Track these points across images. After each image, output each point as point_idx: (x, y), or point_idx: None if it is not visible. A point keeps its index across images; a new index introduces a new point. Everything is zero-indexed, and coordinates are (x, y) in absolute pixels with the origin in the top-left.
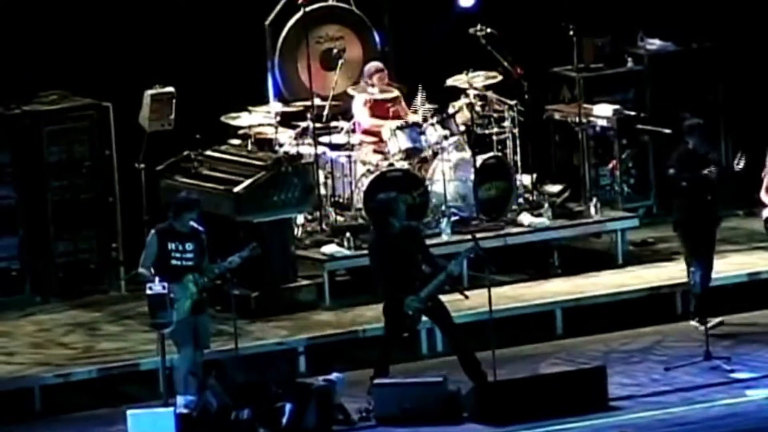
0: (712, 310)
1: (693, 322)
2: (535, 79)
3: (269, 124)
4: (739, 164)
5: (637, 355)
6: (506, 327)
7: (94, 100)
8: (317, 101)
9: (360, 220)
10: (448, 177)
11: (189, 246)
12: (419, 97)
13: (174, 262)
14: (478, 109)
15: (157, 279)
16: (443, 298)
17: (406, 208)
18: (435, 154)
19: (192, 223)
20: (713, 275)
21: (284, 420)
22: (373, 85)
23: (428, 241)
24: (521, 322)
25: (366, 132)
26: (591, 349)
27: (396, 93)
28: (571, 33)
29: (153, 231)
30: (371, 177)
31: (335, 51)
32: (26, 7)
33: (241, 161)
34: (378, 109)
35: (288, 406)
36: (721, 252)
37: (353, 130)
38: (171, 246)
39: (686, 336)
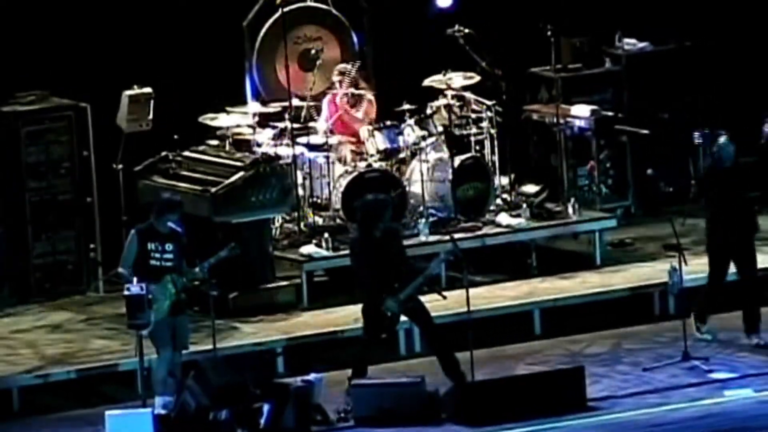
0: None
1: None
2: (513, 80)
3: (247, 125)
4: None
5: (615, 355)
6: (484, 327)
7: (72, 101)
8: (295, 102)
9: (338, 221)
10: (426, 177)
11: (169, 247)
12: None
13: (153, 262)
14: (456, 109)
15: (135, 279)
16: (422, 298)
17: (390, 209)
18: (413, 155)
19: (171, 224)
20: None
21: (263, 421)
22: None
23: (406, 242)
24: (499, 322)
25: (343, 129)
26: (569, 349)
27: (369, 95)
28: (549, 33)
29: (133, 231)
30: (349, 177)
31: (313, 52)
32: (3, 7)
33: (219, 162)
34: (352, 107)
35: (266, 407)
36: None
37: (331, 131)
38: (151, 246)
39: (664, 336)
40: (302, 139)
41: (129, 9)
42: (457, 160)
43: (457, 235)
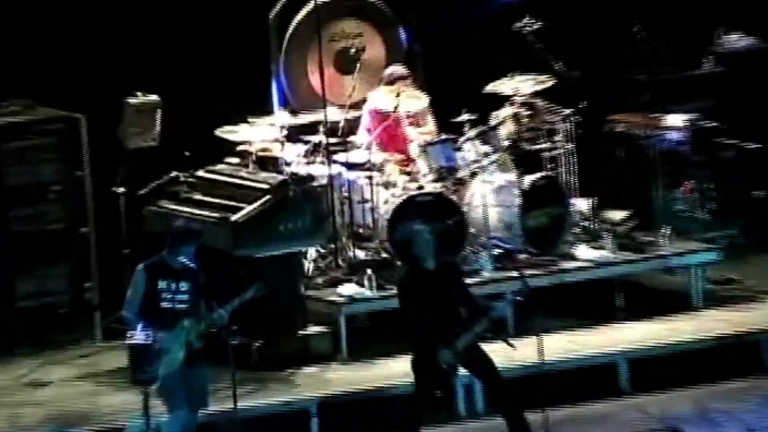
0: None
1: None
2: (593, 84)
3: (274, 139)
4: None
5: (718, 414)
6: (561, 382)
7: (63, 112)
8: (331, 111)
9: (384, 255)
10: (489, 202)
11: (183, 286)
12: None
13: (164, 304)
14: (525, 120)
15: (140, 325)
16: (485, 347)
17: (434, 238)
18: (474, 175)
19: (184, 259)
20: None
21: None
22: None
23: (466, 280)
24: (579, 376)
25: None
26: (662, 409)
27: (425, 104)
28: (637, 29)
29: (140, 267)
30: (397, 202)
31: (353, 51)
32: None
33: (239, 184)
34: (396, 126)
35: None
36: None
37: (375, 146)
38: (162, 285)
39: None
40: (340, 157)
41: (133, 2)
42: (527, 181)
43: (527, 271)
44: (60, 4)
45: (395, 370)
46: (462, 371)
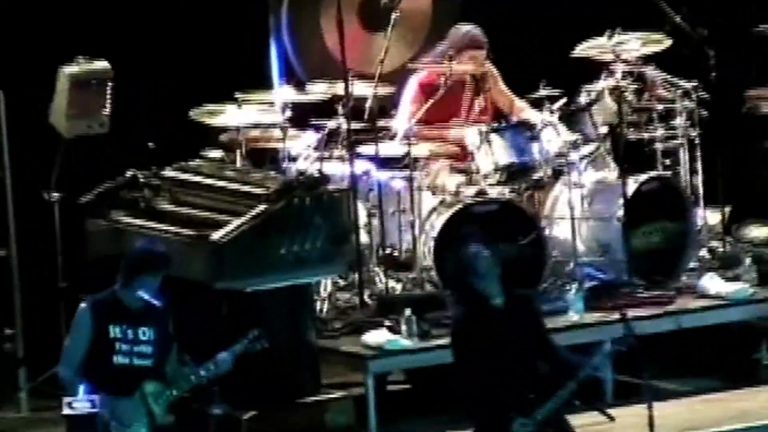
0: None
1: None
2: (727, 47)
3: (272, 125)
4: None
5: None
6: None
7: None
8: (355, 85)
9: (429, 287)
10: (579, 213)
11: (144, 333)
12: None
13: (119, 359)
14: (630, 96)
15: (81, 388)
16: (574, 420)
17: (501, 265)
18: (557, 174)
19: (144, 294)
20: None
21: None
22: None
23: (547, 323)
24: None
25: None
26: None
27: (486, 68)
28: None
29: (85, 304)
30: (447, 214)
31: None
32: None
33: (223, 188)
34: (456, 97)
35: None
36: None
37: (417, 134)
38: (115, 332)
39: None
40: (367, 149)
41: None
42: (633, 184)
43: (632, 312)
44: None
45: None
46: None
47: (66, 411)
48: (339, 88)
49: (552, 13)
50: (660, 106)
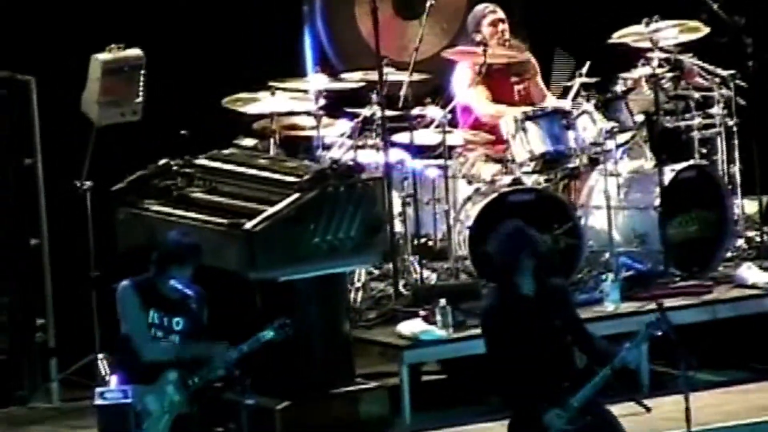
0: None
1: None
2: (765, 35)
3: (306, 113)
4: None
5: None
6: None
7: (5, 72)
8: (389, 72)
9: (464, 277)
10: (615, 202)
11: (177, 323)
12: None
13: None
14: (667, 84)
15: (114, 378)
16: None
17: (536, 256)
18: (593, 163)
19: (178, 284)
20: None
21: None
22: (484, 44)
23: (582, 313)
24: None
25: (477, 126)
26: None
27: (528, 56)
28: None
29: (127, 283)
30: (482, 203)
31: None
32: None
33: (257, 176)
34: (498, 83)
35: None
36: None
37: (453, 123)
38: (153, 317)
39: None
40: (401, 137)
41: None
42: (670, 173)
43: (668, 302)
44: None
45: None
46: None
47: (98, 401)
48: (373, 77)
49: (589, 0)
50: (697, 95)
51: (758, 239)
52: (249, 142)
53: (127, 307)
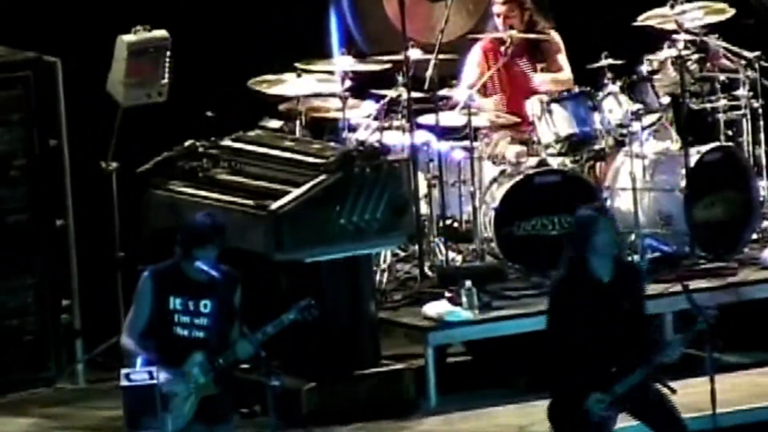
0: None
1: None
2: None
3: (332, 94)
4: None
5: None
6: None
7: (31, 53)
8: (414, 54)
9: (489, 259)
10: (641, 184)
11: (206, 305)
12: None
13: (179, 331)
14: (693, 66)
15: (140, 359)
16: None
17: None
18: (618, 145)
19: (205, 266)
20: None
21: None
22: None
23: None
24: None
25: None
26: None
27: (551, 35)
28: None
29: (147, 272)
30: (508, 184)
31: None
32: None
33: (283, 158)
34: (512, 66)
35: None
36: None
37: (479, 105)
38: (175, 303)
39: None
40: (427, 119)
41: None
42: (695, 155)
43: (694, 284)
44: None
45: (505, 424)
46: (626, 424)
47: (124, 383)
48: (399, 59)
49: None
50: (722, 76)
51: None
52: (275, 123)
53: (137, 297)
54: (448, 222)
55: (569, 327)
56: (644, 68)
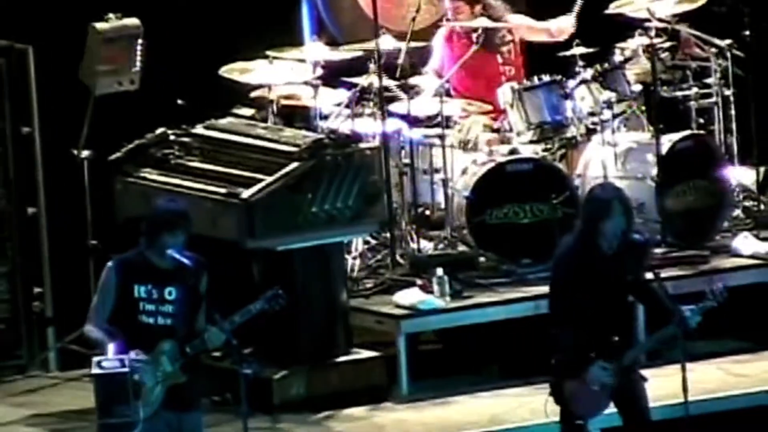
0: None
1: None
2: (762, 5)
3: (303, 82)
4: None
5: None
6: (713, 429)
7: (3, 41)
8: (386, 42)
9: (462, 248)
10: (613, 172)
11: (171, 293)
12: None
13: (145, 319)
14: (664, 55)
15: (112, 346)
16: None
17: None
18: (590, 133)
19: (173, 252)
20: None
21: None
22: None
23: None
24: (736, 419)
25: (460, 94)
26: None
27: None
28: None
29: (111, 264)
30: (480, 172)
31: None
32: None
33: (254, 146)
34: (483, 62)
35: None
36: None
37: (449, 92)
38: (140, 291)
39: None
40: (398, 107)
41: None
42: (667, 143)
43: (666, 272)
44: None
45: (476, 412)
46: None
47: (95, 370)
48: (370, 46)
49: None
50: (694, 65)
51: (755, 209)
52: (246, 111)
53: (102, 287)
54: (420, 210)
55: (574, 293)
56: (616, 56)
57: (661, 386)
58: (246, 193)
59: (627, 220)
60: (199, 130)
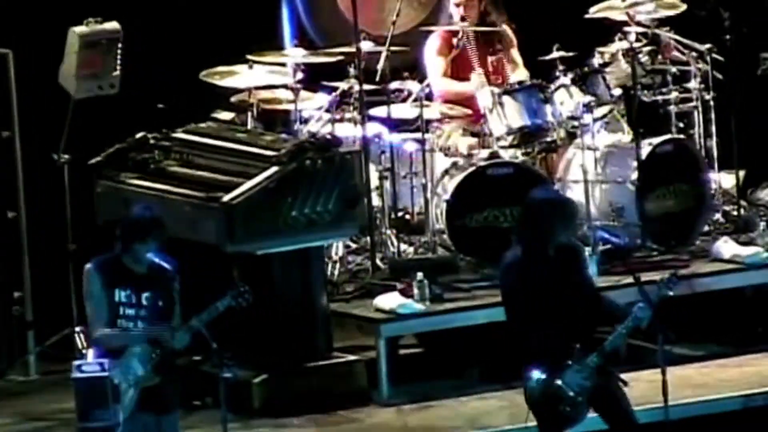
0: None
1: None
2: (742, 9)
3: (284, 86)
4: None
5: None
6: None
7: None
8: (366, 46)
9: (441, 251)
10: (593, 176)
11: (147, 298)
12: None
13: (124, 323)
14: (644, 58)
15: (91, 352)
16: None
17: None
18: (570, 137)
19: (152, 257)
20: None
21: None
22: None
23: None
24: (716, 423)
25: (446, 100)
26: None
27: (503, 28)
28: None
29: (90, 265)
30: (460, 176)
31: None
32: None
33: (235, 150)
34: (469, 55)
35: None
36: None
37: (429, 97)
38: (120, 296)
39: None
40: (379, 111)
41: None
42: (647, 147)
43: (646, 276)
44: None
45: (457, 415)
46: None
47: (75, 374)
48: (350, 50)
49: None
50: (674, 69)
51: (735, 213)
52: (227, 115)
53: (89, 291)
54: (400, 214)
55: (526, 303)
56: (596, 60)
57: (642, 390)
58: (226, 197)
59: (573, 227)
60: (179, 134)
